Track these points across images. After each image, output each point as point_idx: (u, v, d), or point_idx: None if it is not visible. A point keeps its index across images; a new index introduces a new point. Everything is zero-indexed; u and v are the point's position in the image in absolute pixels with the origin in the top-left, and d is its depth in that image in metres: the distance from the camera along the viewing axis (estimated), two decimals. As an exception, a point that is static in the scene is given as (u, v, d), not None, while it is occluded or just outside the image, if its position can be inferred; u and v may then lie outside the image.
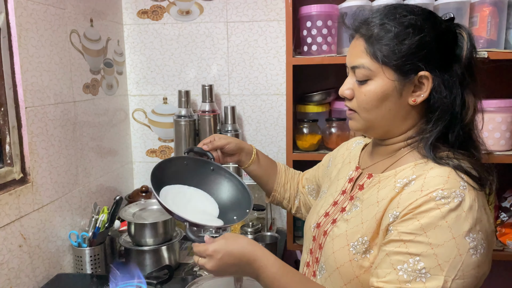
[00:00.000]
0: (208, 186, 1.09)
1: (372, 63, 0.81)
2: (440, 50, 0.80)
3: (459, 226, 0.71)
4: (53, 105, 1.32)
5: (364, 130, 0.89)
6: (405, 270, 0.72)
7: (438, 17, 0.83)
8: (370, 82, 0.82)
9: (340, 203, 0.94)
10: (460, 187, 0.74)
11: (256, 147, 1.82)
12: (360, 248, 0.82)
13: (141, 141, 1.92)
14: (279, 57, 1.76)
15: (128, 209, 1.51)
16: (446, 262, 0.70)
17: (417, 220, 0.73)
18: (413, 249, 0.72)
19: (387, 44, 0.79)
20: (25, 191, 1.18)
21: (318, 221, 0.97)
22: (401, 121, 0.84)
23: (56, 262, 1.34)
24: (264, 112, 1.82)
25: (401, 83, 0.80)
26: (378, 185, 0.86)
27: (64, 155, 1.38)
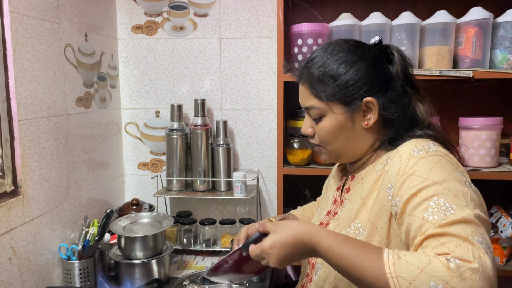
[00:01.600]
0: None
1: (319, 102, 0.90)
2: (376, 74, 0.89)
3: (447, 164, 0.78)
4: (46, 118, 1.33)
5: (334, 159, 0.98)
6: (433, 212, 0.72)
7: (366, 46, 0.93)
8: (324, 118, 0.91)
9: (332, 211, 1.01)
10: (429, 143, 0.83)
11: (247, 161, 1.86)
12: (353, 233, 0.87)
13: (133, 154, 1.92)
14: (271, 73, 1.79)
15: (118, 222, 1.51)
16: (458, 193, 0.73)
17: (412, 174, 0.78)
18: (426, 194, 0.74)
19: (327, 84, 0.89)
20: (16, 203, 1.19)
21: None
22: (361, 143, 0.93)
23: (46, 275, 1.34)
24: (255, 127, 1.84)
25: (350, 112, 0.89)
26: (361, 181, 0.93)
27: (56, 167, 1.39)
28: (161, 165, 1.92)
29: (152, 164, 1.93)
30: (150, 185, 1.92)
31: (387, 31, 1.54)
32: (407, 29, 1.52)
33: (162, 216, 1.57)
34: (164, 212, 1.88)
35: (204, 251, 1.71)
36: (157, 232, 1.45)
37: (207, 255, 1.70)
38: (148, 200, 1.87)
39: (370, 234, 0.85)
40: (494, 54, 1.50)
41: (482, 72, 1.45)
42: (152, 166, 1.93)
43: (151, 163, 1.93)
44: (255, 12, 1.77)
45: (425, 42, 1.54)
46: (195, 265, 1.62)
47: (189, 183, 1.81)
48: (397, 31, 1.53)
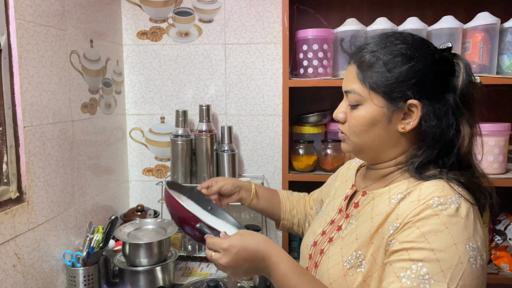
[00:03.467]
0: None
1: (362, 88, 0.83)
2: (432, 79, 0.80)
3: (459, 233, 0.71)
4: (51, 124, 1.33)
5: (354, 153, 0.91)
6: (408, 276, 0.71)
7: (432, 46, 0.84)
8: (360, 107, 0.84)
9: (336, 222, 0.96)
10: (455, 195, 0.75)
11: (252, 166, 1.85)
12: (354, 262, 0.83)
13: (138, 160, 1.92)
14: (276, 79, 1.79)
15: (123, 228, 1.51)
16: (448, 268, 0.70)
17: (417, 228, 0.73)
18: (416, 255, 0.72)
19: (377, 72, 0.81)
20: (21, 210, 1.18)
21: (315, 240, 0.98)
22: (390, 147, 0.85)
23: (50, 282, 1.33)
24: (260, 133, 1.84)
25: (389, 110, 0.82)
26: (372, 202, 0.87)
27: (61, 174, 1.39)
28: (166, 170, 1.92)
29: (157, 170, 1.92)
30: (155, 191, 1.91)
31: (393, 37, 1.53)
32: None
33: (167, 222, 1.56)
34: (168, 218, 1.87)
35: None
36: (161, 238, 1.45)
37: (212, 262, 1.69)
38: (152, 206, 1.87)
39: (371, 269, 0.80)
40: (502, 60, 1.48)
41: (489, 77, 1.44)
42: (157, 172, 1.92)
43: (156, 169, 1.92)
44: (260, 18, 1.77)
45: (432, 47, 1.52)
46: (200, 272, 1.61)
47: (194, 189, 1.80)
48: (403, 36, 1.52)
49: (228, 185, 1.17)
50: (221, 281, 1.44)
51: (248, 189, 1.20)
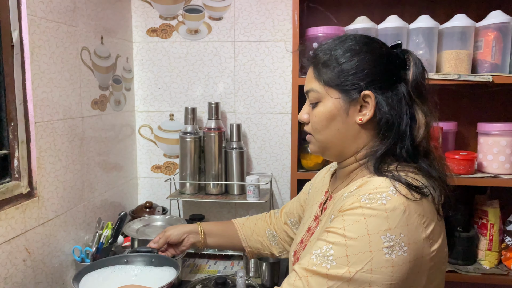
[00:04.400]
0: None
1: (319, 86, 0.88)
2: (382, 70, 0.86)
3: (376, 225, 0.74)
4: (62, 120, 1.34)
5: (321, 152, 0.94)
6: (317, 254, 0.76)
7: (378, 42, 0.90)
8: (319, 104, 0.89)
9: (312, 229, 0.98)
10: (388, 192, 0.76)
11: (260, 164, 1.85)
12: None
13: (147, 156, 1.93)
14: (285, 77, 1.78)
15: (132, 225, 1.51)
16: (354, 254, 0.73)
17: (342, 216, 0.77)
18: (330, 238, 0.76)
19: (331, 68, 0.87)
20: (31, 205, 1.19)
21: (295, 249, 1.01)
22: (351, 141, 0.89)
23: (59, 277, 1.34)
24: (269, 130, 1.83)
25: (345, 102, 0.86)
26: (333, 203, 0.90)
27: (71, 170, 1.40)
28: (174, 168, 1.92)
29: (165, 167, 1.93)
30: (163, 188, 1.92)
31: (404, 35, 1.52)
32: (424, 33, 1.49)
33: (175, 219, 1.56)
34: (177, 215, 1.88)
35: (216, 255, 1.70)
36: (170, 235, 1.45)
37: (220, 259, 1.69)
38: (161, 203, 1.88)
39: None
40: (515, 59, 1.46)
41: (502, 77, 1.42)
42: (165, 169, 1.93)
43: (165, 166, 1.93)
44: (270, 16, 1.76)
45: (443, 46, 1.51)
46: (207, 269, 1.61)
47: (202, 187, 1.81)
48: (414, 34, 1.51)
49: (174, 234, 1.21)
50: (228, 279, 1.44)
51: (195, 232, 1.22)
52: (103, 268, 1.16)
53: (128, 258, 1.21)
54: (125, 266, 1.19)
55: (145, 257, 1.22)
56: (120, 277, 1.16)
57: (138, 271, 1.19)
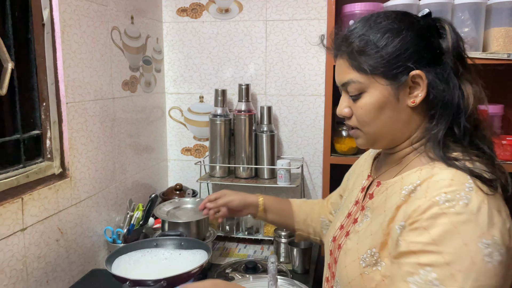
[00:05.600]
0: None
1: (359, 76, 0.80)
2: (425, 46, 0.78)
3: (470, 231, 0.66)
4: (93, 101, 1.33)
5: (371, 145, 0.87)
6: (416, 282, 0.68)
7: (414, 16, 0.82)
8: (364, 95, 0.81)
9: (352, 214, 0.92)
10: (465, 189, 0.69)
11: (291, 148, 1.80)
12: (369, 260, 0.79)
13: (177, 139, 1.92)
14: (319, 57, 1.71)
15: (162, 207, 1.51)
16: (459, 271, 0.65)
17: (424, 228, 0.69)
18: (424, 259, 0.68)
19: (370, 55, 0.79)
20: (64, 186, 1.20)
21: (334, 235, 0.95)
22: (404, 126, 0.82)
23: (91, 257, 1.35)
24: (301, 113, 1.78)
25: (394, 87, 0.79)
26: (385, 192, 0.83)
27: (102, 151, 1.39)
28: (204, 150, 1.90)
29: (195, 150, 1.91)
30: (193, 171, 1.91)
31: (448, 11, 1.41)
32: (471, 9, 1.39)
33: (205, 202, 1.55)
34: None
35: (246, 239, 1.68)
36: (200, 218, 1.44)
37: (249, 243, 1.67)
38: (191, 185, 1.87)
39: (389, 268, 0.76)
40: None
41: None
42: (195, 152, 1.91)
43: (194, 149, 1.91)
44: (303, -7, 1.69)
45: (491, 23, 1.40)
46: (237, 253, 1.59)
47: (232, 170, 1.78)
48: (459, 10, 1.40)
49: (235, 201, 1.17)
50: (259, 263, 1.42)
51: (255, 206, 1.19)
52: (134, 252, 1.16)
53: (157, 242, 1.20)
54: (155, 250, 1.19)
55: (174, 240, 1.21)
56: (151, 260, 1.16)
57: (168, 254, 1.18)
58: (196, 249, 1.18)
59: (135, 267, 1.12)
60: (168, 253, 1.19)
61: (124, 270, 1.08)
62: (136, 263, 1.14)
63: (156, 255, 1.18)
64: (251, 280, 1.17)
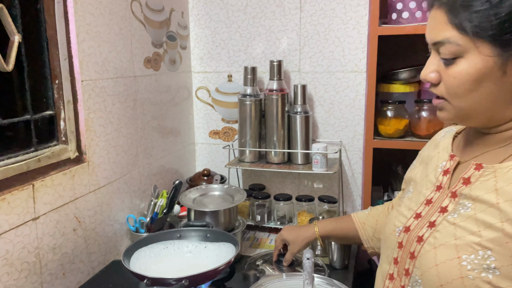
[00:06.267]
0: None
1: (460, 36, 0.65)
2: None
3: None
4: (112, 79, 1.22)
5: (458, 120, 0.73)
6: None
7: None
8: (460, 60, 0.66)
9: (436, 202, 0.76)
10: None
11: (327, 131, 1.64)
12: (479, 263, 0.63)
13: (204, 121, 1.80)
14: (360, 29, 1.53)
15: (188, 193, 1.40)
16: None
17: None
18: None
19: (478, 11, 0.62)
20: (81, 171, 1.10)
21: (406, 224, 0.79)
22: (508, 103, 0.67)
23: (113, 247, 1.27)
24: (338, 92, 1.61)
25: (503, 57, 0.63)
26: (494, 180, 0.67)
27: (123, 133, 1.29)
28: (233, 133, 1.78)
29: (223, 133, 1.79)
30: (222, 155, 1.79)
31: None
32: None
33: (234, 189, 1.43)
34: (235, 184, 1.75)
35: (278, 228, 1.55)
36: (229, 207, 1.32)
37: (282, 234, 1.55)
38: (219, 170, 1.75)
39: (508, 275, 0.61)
40: None
41: None
42: (223, 135, 1.79)
43: (223, 132, 1.79)
44: (342, -44, 1.51)
45: None
46: (269, 244, 1.47)
47: (263, 154, 1.65)
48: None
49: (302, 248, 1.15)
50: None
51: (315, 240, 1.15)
52: (155, 244, 1.06)
53: (181, 233, 1.09)
54: (178, 242, 1.08)
55: (199, 231, 1.10)
56: (173, 254, 1.06)
57: (192, 247, 1.08)
58: (223, 242, 1.07)
59: (156, 261, 1.02)
60: (193, 246, 1.08)
61: (144, 264, 0.98)
62: (158, 256, 1.04)
63: (179, 247, 1.08)
64: (284, 278, 1.05)
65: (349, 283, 1.22)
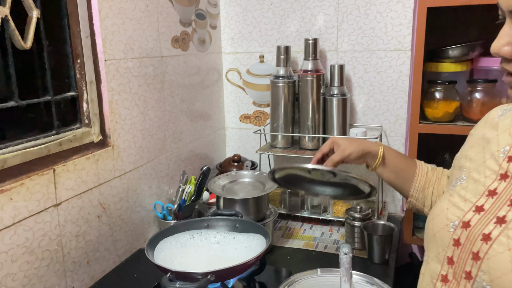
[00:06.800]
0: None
1: None
2: None
3: None
4: (137, 59, 1.16)
5: None
6: None
7: None
8: None
9: (504, 193, 0.65)
10: None
11: (367, 115, 1.52)
12: None
13: (235, 105, 1.72)
14: (405, 2, 1.39)
15: (217, 180, 1.33)
16: None
17: None
18: None
19: None
20: (105, 155, 1.05)
21: (464, 219, 0.67)
22: None
23: (140, 235, 1.22)
24: (380, 73, 1.48)
25: None
26: None
27: (150, 117, 1.23)
28: (264, 118, 1.69)
29: (255, 117, 1.71)
30: (253, 140, 1.71)
31: None
32: None
33: (265, 176, 1.34)
34: (267, 170, 1.67)
35: (312, 218, 1.47)
36: (260, 195, 1.24)
37: (316, 223, 1.46)
38: (250, 156, 1.68)
39: None
40: None
41: None
42: (255, 119, 1.71)
43: (254, 116, 1.71)
44: None
45: None
46: (302, 234, 1.39)
47: (296, 140, 1.56)
48: None
49: (354, 154, 0.95)
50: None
51: (374, 155, 0.97)
52: (182, 233, 1.00)
53: (209, 222, 1.03)
54: (205, 231, 1.02)
55: (228, 221, 1.03)
56: (200, 244, 0.99)
57: (220, 237, 1.01)
58: (252, 233, 0.99)
59: (182, 252, 0.96)
60: (221, 236, 1.01)
61: (169, 255, 0.92)
62: (184, 247, 0.98)
63: (206, 238, 1.01)
64: (319, 273, 0.96)
65: (390, 279, 1.12)
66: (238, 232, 1.01)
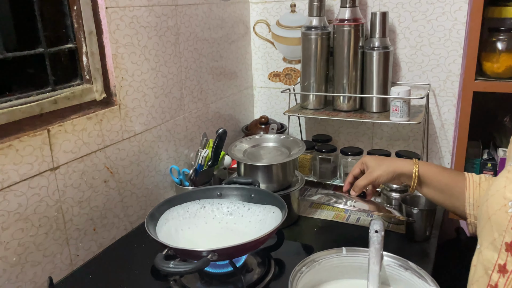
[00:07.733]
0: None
1: None
2: None
3: None
4: (146, 7, 1.03)
5: None
6: None
7: None
8: None
9: None
10: None
11: (412, 71, 1.33)
12: None
13: (263, 61, 1.57)
14: None
15: (239, 144, 1.21)
16: None
17: None
18: None
19: None
20: (110, 115, 0.96)
21: None
22: None
23: (155, 200, 1.14)
24: (430, 21, 1.27)
25: None
26: None
27: (163, 73, 1.12)
28: (296, 76, 1.53)
29: (285, 75, 1.55)
30: (283, 101, 1.57)
31: None
32: None
33: (292, 140, 1.21)
34: (297, 134, 1.53)
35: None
36: (285, 161, 1.11)
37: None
38: (279, 118, 1.54)
39: None
40: None
41: None
42: (285, 77, 1.55)
43: (284, 73, 1.55)
44: None
45: None
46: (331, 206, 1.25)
47: (330, 100, 1.40)
48: None
49: (383, 176, 0.88)
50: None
51: (408, 175, 0.87)
52: (191, 202, 0.90)
53: (222, 191, 0.92)
54: (218, 201, 0.92)
55: (243, 190, 0.92)
56: (211, 215, 0.89)
57: (234, 208, 0.90)
58: (268, 205, 0.88)
59: (190, 223, 0.86)
60: (234, 207, 0.91)
61: (174, 227, 0.83)
62: (192, 217, 0.88)
63: (218, 208, 0.91)
64: (344, 252, 0.83)
65: (430, 261, 0.97)
66: (253, 203, 0.90)
